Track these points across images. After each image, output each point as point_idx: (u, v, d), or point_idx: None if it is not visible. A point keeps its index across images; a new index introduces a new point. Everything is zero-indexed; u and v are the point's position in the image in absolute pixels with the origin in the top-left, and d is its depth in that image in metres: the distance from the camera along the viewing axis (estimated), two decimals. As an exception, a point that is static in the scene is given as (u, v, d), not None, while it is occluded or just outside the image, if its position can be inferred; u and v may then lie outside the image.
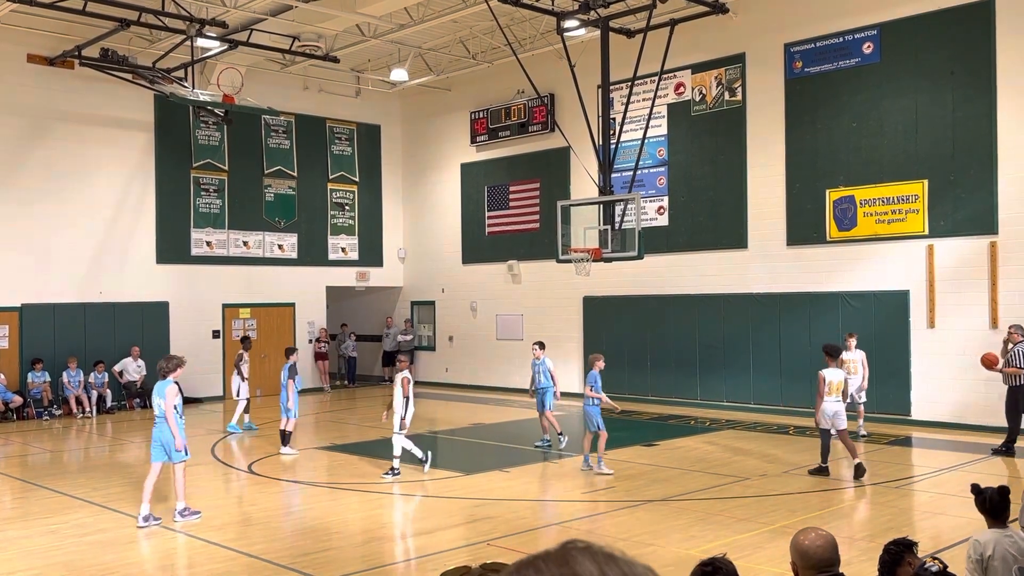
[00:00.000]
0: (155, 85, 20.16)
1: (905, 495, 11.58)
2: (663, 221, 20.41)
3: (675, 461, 13.68)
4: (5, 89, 19.95)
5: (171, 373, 10.37)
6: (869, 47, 17.28)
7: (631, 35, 18.49)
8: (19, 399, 19.39)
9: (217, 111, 21.50)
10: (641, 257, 16.76)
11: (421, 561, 8.79)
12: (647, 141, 18.96)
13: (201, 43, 18.96)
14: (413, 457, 12.74)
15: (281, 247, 24.32)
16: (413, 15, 19.67)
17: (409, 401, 12.73)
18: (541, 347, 15.03)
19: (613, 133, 17.85)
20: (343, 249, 25.61)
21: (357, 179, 25.94)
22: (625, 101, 18.17)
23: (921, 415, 16.59)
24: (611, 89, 17.86)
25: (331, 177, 25.36)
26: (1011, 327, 13.98)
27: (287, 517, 11.17)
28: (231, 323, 23.28)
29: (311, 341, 24.86)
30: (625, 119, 17.83)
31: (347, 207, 25.73)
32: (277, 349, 21.69)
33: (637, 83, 18.31)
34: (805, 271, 18.16)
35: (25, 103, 20.21)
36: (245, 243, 23.66)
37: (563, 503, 11.47)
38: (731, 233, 19.24)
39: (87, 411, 19.85)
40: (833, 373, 12.33)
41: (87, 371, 20.22)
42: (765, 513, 10.37)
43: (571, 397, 21.62)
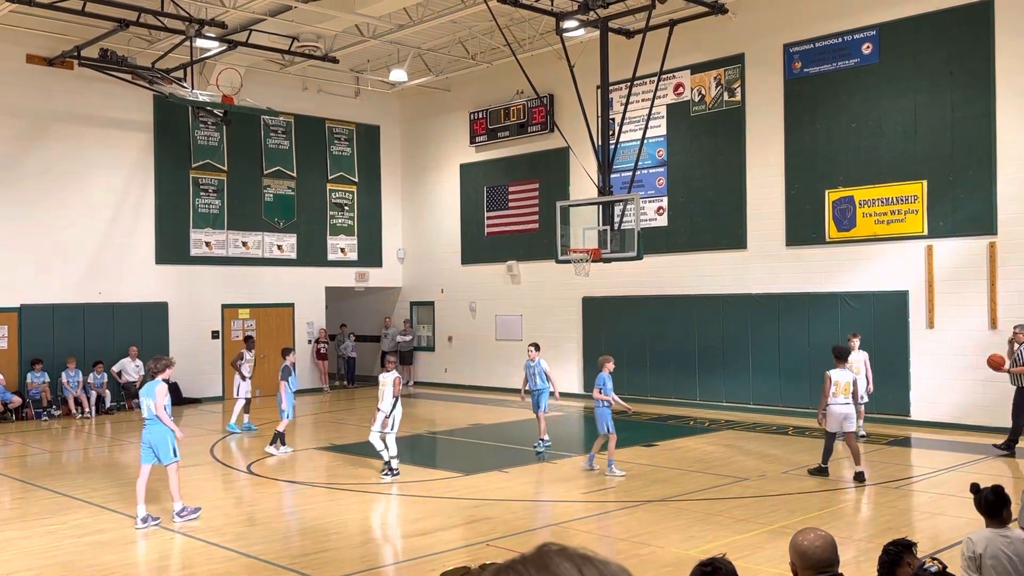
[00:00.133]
0: (154, 85, 20.15)
1: (904, 495, 11.58)
2: (662, 221, 20.42)
3: (674, 461, 13.68)
4: (4, 90, 19.94)
5: (160, 373, 10.37)
6: (868, 47, 17.29)
7: (630, 35, 18.49)
8: (18, 399, 19.38)
9: (216, 111, 21.49)
10: (640, 257, 16.76)
11: (420, 562, 8.78)
12: (646, 141, 18.97)
13: (200, 43, 18.96)
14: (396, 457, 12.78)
15: (280, 247, 24.32)
16: (412, 15, 19.68)
17: (398, 402, 12.79)
18: (536, 349, 14.97)
19: (612, 133, 17.85)
20: (342, 249, 25.61)
21: (356, 179, 25.94)
22: (624, 101, 18.18)
23: (920, 415, 16.59)
24: (610, 89, 17.87)
25: (330, 177, 25.35)
26: (1016, 327, 13.94)
27: (286, 518, 11.16)
28: (230, 323, 23.27)
29: (310, 342, 24.86)
30: (624, 119, 17.83)
31: (346, 207, 25.73)
32: (276, 350, 21.65)
33: (636, 83, 18.31)
34: (804, 271, 18.16)
35: (24, 103, 20.21)
36: (244, 243, 23.65)
37: (562, 504, 11.47)
38: (730, 233, 19.25)
39: (86, 411, 19.84)
40: (840, 374, 12.20)
41: (86, 371, 20.21)
42: (764, 513, 10.37)
43: (570, 398, 21.63)
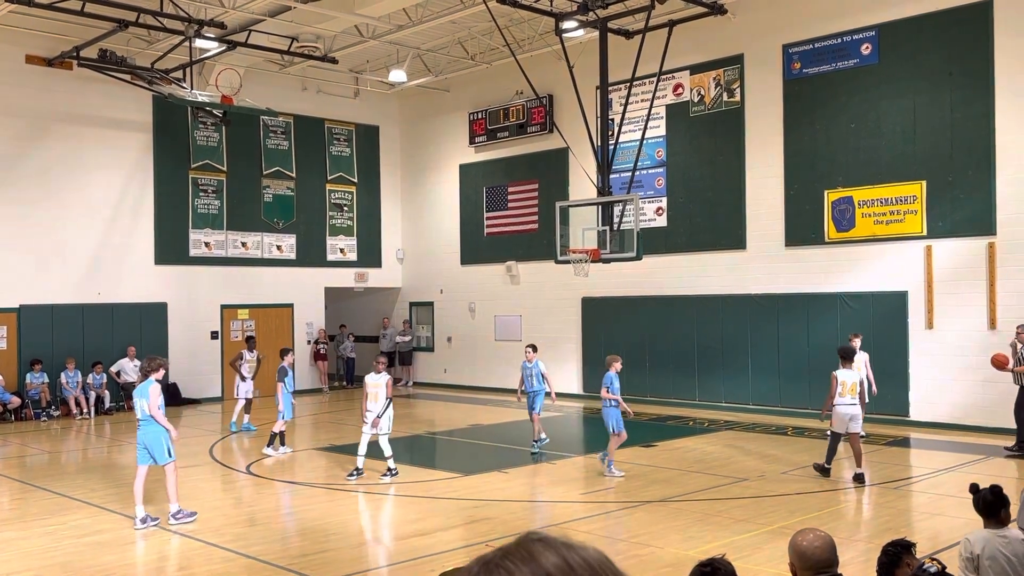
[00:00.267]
0: (153, 86, 20.15)
1: (903, 496, 11.59)
2: (662, 222, 20.42)
3: (674, 462, 13.68)
4: (3, 90, 19.93)
5: (153, 373, 10.33)
6: (867, 48, 17.29)
7: (630, 36, 18.49)
8: (17, 400, 19.37)
9: (216, 112, 21.50)
10: (640, 258, 16.75)
11: (419, 562, 8.78)
12: (645, 142, 18.97)
13: (199, 44, 18.95)
14: (379, 456, 12.77)
15: (280, 248, 24.31)
16: (412, 16, 19.68)
17: (390, 403, 12.83)
18: (534, 350, 14.93)
19: (612, 134, 17.86)
20: (341, 250, 25.60)
21: (356, 180, 25.94)
22: (624, 102, 18.17)
23: (919, 416, 16.59)
24: (610, 90, 17.87)
25: (330, 178, 25.35)
26: (1019, 327, 13.91)
27: (285, 518, 11.16)
28: (229, 324, 23.26)
29: (309, 342, 24.86)
30: (624, 120, 17.83)
31: (346, 208, 25.73)
32: (276, 350, 21.64)
33: (636, 84, 18.31)
34: (803, 272, 18.16)
35: (23, 104, 20.20)
36: (243, 244, 23.64)
37: (562, 504, 11.46)
38: (730, 234, 19.25)
39: (85, 412, 19.84)
40: (847, 374, 12.15)
41: (85, 372, 20.20)
42: (764, 514, 10.37)
43: (570, 398, 21.64)
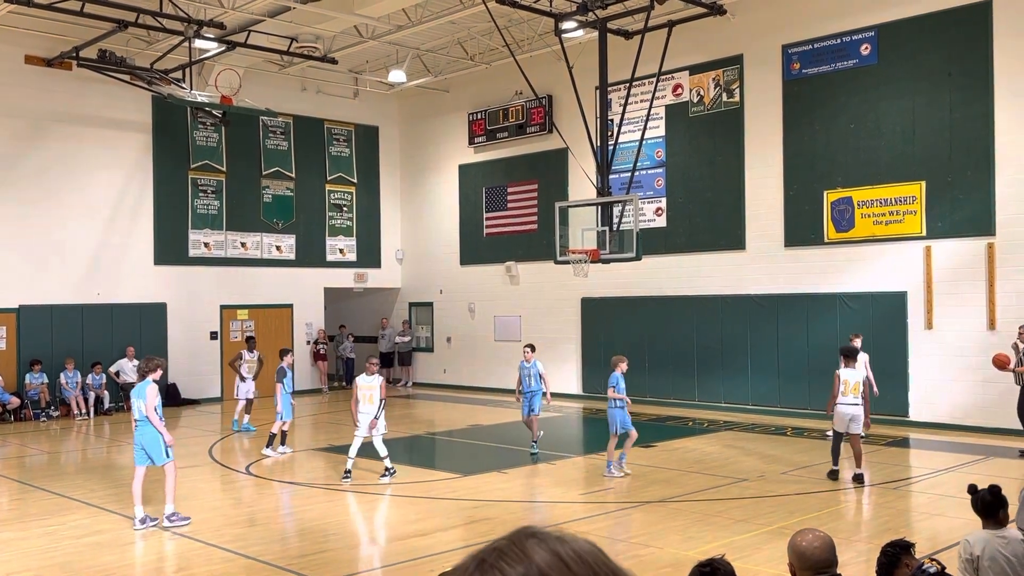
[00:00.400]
0: (153, 86, 20.14)
1: (903, 496, 11.59)
2: (661, 222, 20.42)
3: (673, 462, 13.68)
4: (2, 90, 19.93)
5: (151, 373, 10.27)
6: (867, 48, 17.30)
7: (629, 36, 18.48)
8: (17, 400, 19.37)
9: (215, 112, 21.51)
10: (639, 258, 16.75)
11: (419, 563, 8.78)
12: (645, 142, 18.96)
13: (199, 44, 18.94)
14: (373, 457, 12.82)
15: (279, 248, 24.31)
16: (411, 16, 19.68)
17: (383, 404, 12.88)
18: (532, 350, 14.92)
19: (611, 134, 17.86)
20: (341, 250, 25.60)
21: (355, 180, 25.93)
22: (623, 102, 18.17)
23: (919, 416, 16.60)
24: (609, 90, 17.86)
25: (329, 178, 25.35)
26: (1021, 327, 13.89)
27: (285, 519, 11.16)
28: (229, 324, 23.26)
29: (309, 342, 24.85)
30: (623, 120, 17.83)
31: (345, 208, 25.72)
32: (275, 350, 21.64)
33: (635, 84, 18.31)
34: (803, 272, 18.16)
35: (23, 104, 20.20)
36: (243, 244, 23.64)
37: (561, 504, 11.46)
38: (729, 234, 19.25)
39: (84, 412, 19.83)
40: (850, 373, 12.10)
41: (84, 372, 20.20)
42: (763, 514, 10.37)
43: (569, 399, 21.65)
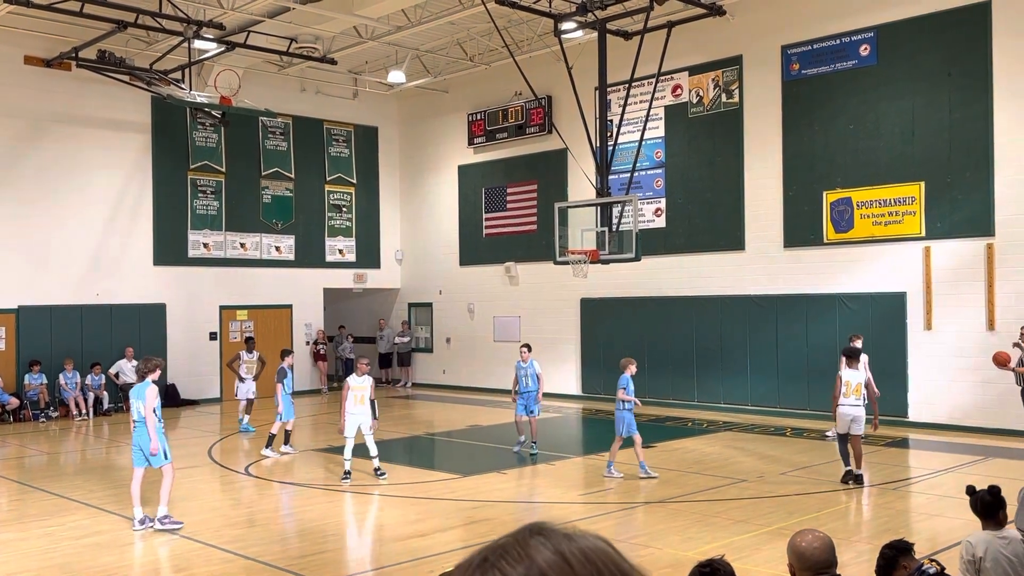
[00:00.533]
0: (152, 87, 20.13)
1: (902, 497, 11.60)
2: (660, 223, 20.42)
3: (672, 463, 13.68)
4: (2, 91, 19.92)
5: (150, 374, 10.20)
6: (866, 49, 17.30)
7: (628, 37, 18.48)
8: (16, 401, 19.35)
9: (214, 113, 21.50)
10: (638, 259, 16.74)
11: (418, 563, 8.78)
12: (644, 143, 18.95)
13: (198, 45, 18.94)
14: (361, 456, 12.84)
15: (278, 249, 24.30)
16: (411, 17, 19.68)
17: (376, 405, 12.96)
18: (529, 349, 14.91)
19: (610, 135, 17.85)
20: (340, 251, 25.59)
21: (354, 181, 25.93)
22: (622, 103, 18.15)
23: (918, 417, 16.60)
24: (608, 91, 17.85)
25: (328, 179, 25.34)
26: (1023, 327, 13.90)
27: (284, 519, 11.15)
28: (228, 325, 23.25)
29: (308, 343, 24.84)
30: (622, 121, 17.82)
31: (344, 209, 25.72)
32: (274, 351, 21.65)
33: (634, 85, 18.31)
34: (802, 273, 18.16)
35: (22, 105, 20.19)
36: (242, 245, 23.63)
37: (560, 505, 11.46)
38: (728, 235, 19.25)
39: (83, 413, 19.83)
40: (851, 374, 12.06)
41: (84, 373, 20.19)
42: (763, 515, 10.37)
43: (569, 399, 21.65)
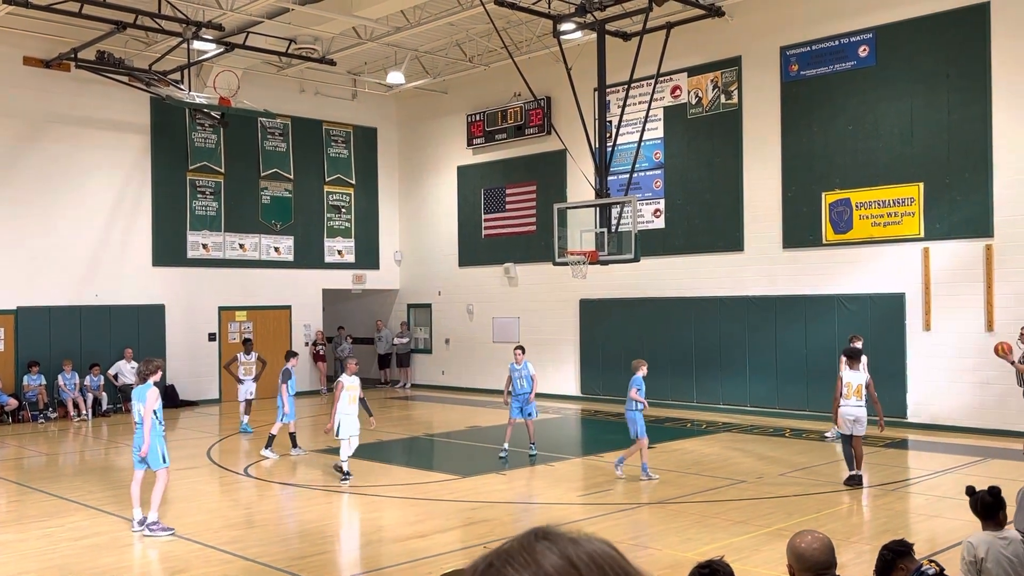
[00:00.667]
0: (151, 87, 20.14)
1: (901, 498, 11.60)
2: (659, 224, 20.43)
3: (671, 463, 13.68)
4: (1, 91, 19.91)
5: (151, 375, 10.15)
6: (865, 50, 17.32)
7: (627, 38, 18.49)
8: (14, 402, 19.33)
9: (213, 113, 21.51)
10: (637, 260, 16.75)
11: (418, 564, 8.77)
12: (643, 144, 18.97)
13: (197, 46, 18.94)
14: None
15: (277, 250, 24.30)
16: (410, 18, 19.69)
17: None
18: (523, 351, 14.90)
19: (609, 136, 17.86)
20: (339, 252, 25.59)
21: (353, 182, 25.93)
22: (621, 104, 18.16)
23: (917, 418, 16.60)
24: (607, 92, 17.86)
25: (327, 180, 25.34)
26: None
27: (283, 520, 11.14)
28: (227, 326, 23.25)
29: (307, 344, 24.84)
30: (621, 122, 17.83)
31: (343, 210, 25.72)
32: (273, 352, 21.66)
33: (633, 86, 18.32)
34: (801, 274, 18.17)
35: (21, 105, 20.18)
36: (241, 246, 23.63)
37: (560, 506, 11.46)
38: (727, 236, 19.26)
39: (83, 414, 19.82)
40: (852, 375, 12.05)
41: (83, 374, 20.17)
42: (762, 515, 10.37)
43: (568, 400, 21.66)
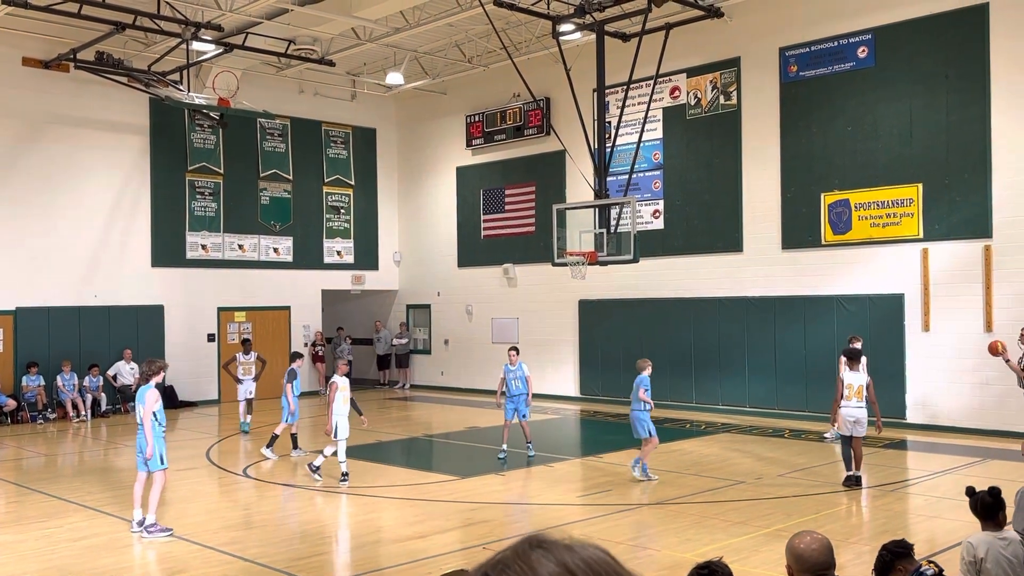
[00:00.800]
0: (150, 88, 20.13)
1: (900, 498, 11.61)
2: (658, 224, 20.43)
3: (671, 464, 13.68)
4: (0, 92, 19.92)
5: (153, 376, 10.13)
6: (864, 51, 17.33)
7: (626, 39, 18.50)
8: (13, 403, 19.32)
9: (212, 114, 21.50)
10: (636, 260, 16.75)
11: (417, 565, 8.77)
12: (642, 145, 18.98)
13: (196, 46, 18.94)
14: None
15: (276, 250, 24.30)
16: (409, 19, 19.69)
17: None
18: (517, 352, 14.85)
19: (608, 137, 17.86)
20: (338, 252, 25.59)
21: (352, 182, 25.93)
22: (620, 105, 18.16)
23: (916, 419, 16.61)
24: (606, 93, 17.88)
25: (326, 180, 25.34)
26: None
27: (283, 521, 11.14)
28: (226, 327, 23.24)
29: (306, 344, 24.83)
30: (620, 123, 17.84)
31: (342, 210, 25.72)
32: (272, 352, 21.67)
33: (632, 87, 18.33)
34: (800, 274, 18.18)
35: (20, 106, 20.18)
36: (240, 246, 23.63)
37: (559, 507, 11.46)
38: (726, 236, 19.26)
39: (82, 415, 19.81)
40: (852, 376, 12.02)
41: (82, 375, 20.16)
42: (761, 516, 10.38)
43: (567, 401, 21.66)
